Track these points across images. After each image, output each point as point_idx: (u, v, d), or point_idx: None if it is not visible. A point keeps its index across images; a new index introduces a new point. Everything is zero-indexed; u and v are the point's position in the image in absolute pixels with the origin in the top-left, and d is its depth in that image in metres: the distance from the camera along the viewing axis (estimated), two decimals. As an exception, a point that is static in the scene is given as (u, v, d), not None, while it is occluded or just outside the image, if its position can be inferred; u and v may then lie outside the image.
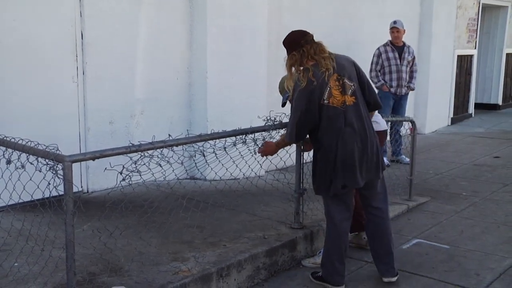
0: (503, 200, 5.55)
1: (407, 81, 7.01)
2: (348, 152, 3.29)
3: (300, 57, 3.34)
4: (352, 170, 3.31)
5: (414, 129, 5.23)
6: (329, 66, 3.28)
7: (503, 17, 11.90)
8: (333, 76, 3.28)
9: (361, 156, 3.33)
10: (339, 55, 3.45)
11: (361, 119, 3.35)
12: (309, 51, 3.32)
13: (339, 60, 3.36)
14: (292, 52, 3.37)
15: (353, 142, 3.30)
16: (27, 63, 4.54)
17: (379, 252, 3.61)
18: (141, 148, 3.02)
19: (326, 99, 3.28)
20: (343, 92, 3.30)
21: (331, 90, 3.28)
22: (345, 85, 3.31)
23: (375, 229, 3.59)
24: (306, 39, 3.36)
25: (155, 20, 5.35)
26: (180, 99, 5.68)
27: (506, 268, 3.88)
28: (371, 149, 3.37)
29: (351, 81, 3.34)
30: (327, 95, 3.27)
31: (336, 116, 3.29)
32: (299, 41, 3.36)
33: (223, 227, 4.12)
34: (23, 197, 3.18)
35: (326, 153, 3.33)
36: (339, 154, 3.29)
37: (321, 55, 3.32)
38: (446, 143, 8.64)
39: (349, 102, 3.32)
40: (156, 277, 3.20)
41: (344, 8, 7.47)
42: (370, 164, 3.38)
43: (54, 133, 4.49)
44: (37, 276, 3.14)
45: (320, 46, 3.37)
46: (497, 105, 12.37)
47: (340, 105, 3.30)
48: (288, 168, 4.80)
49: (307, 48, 3.33)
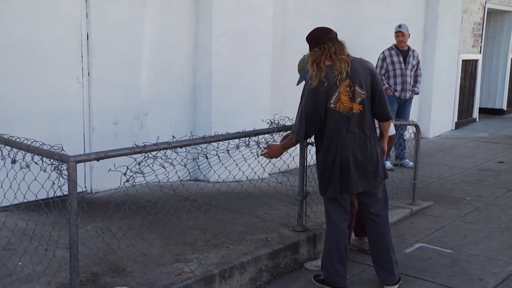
0: (507, 205, 5.53)
1: (411, 85, 7.00)
2: (344, 159, 3.29)
3: (321, 54, 3.26)
4: (347, 177, 3.32)
5: (418, 133, 5.22)
6: (342, 69, 3.21)
7: (508, 22, 11.87)
8: (345, 81, 3.23)
9: (358, 165, 3.32)
10: (358, 59, 3.37)
11: (364, 129, 3.33)
12: (330, 49, 3.25)
13: (354, 65, 3.27)
14: (314, 48, 3.30)
15: (352, 149, 3.30)
16: (32, 64, 4.56)
17: (378, 259, 3.58)
18: (145, 149, 3.03)
19: (333, 103, 3.24)
20: (352, 99, 3.26)
21: (340, 95, 3.23)
22: (355, 92, 3.26)
23: (375, 235, 3.57)
24: (329, 36, 3.29)
25: (160, 22, 5.37)
26: (185, 101, 5.69)
27: (510, 273, 3.86)
28: (370, 159, 3.35)
29: (362, 89, 3.27)
30: (335, 100, 3.24)
31: (340, 122, 3.28)
32: (321, 37, 3.29)
33: (226, 229, 4.12)
34: (27, 196, 3.19)
35: (326, 157, 3.35)
36: (337, 160, 3.30)
37: (338, 56, 3.24)
38: (450, 147, 8.62)
39: (356, 110, 3.28)
40: (159, 278, 3.21)
41: (349, 11, 7.48)
42: (368, 174, 3.36)
43: (58, 134, 4.51)
44: (41, 275, 3.15)
45: (341, 46, 3.29)
46: (502, 110, 12.33)
47: (347, 111, 3.27)
48: (292, 171, 4.80)
49: (328, 46, 3.25)
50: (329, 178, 3.36)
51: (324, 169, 3.38)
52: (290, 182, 4.51)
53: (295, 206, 4.23)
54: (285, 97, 6.31)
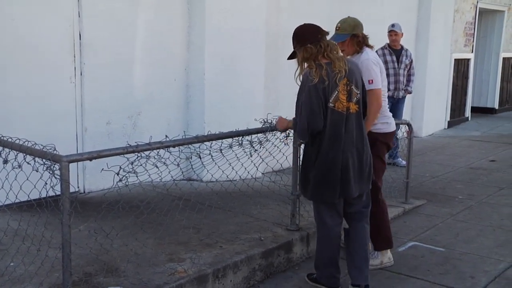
0: (498, 204, 5.57)
1: (404, 84, 7.03)
2: (345, 161, 3.19)
3: (316, 52, 3.14)
4: (347, 180, 3.21)
5: (411, 132, 5.24)
6: (341, 68, 3.13)
7: (499, 21, 11.95)
8: (343, 80, 3.14)
9: (357, 167, 3.24)
10: (349, 59, 3.34)
11: (360, 129, 3.27)
12: (326, 48, 3.14)
13: (349, 65, 3.22)
14: (306, 45, 3.15)
15: (351, 151, 3.21)
16: (24, 63, 4.54)
17: (354, 256, 3.43)
18: (138, 149, 3.02)
19: (332, 102, 3.13)
20: (349, 99, 3.18)
21: (338, 94, 3.14)
22: (351, 92, 3.19)
23: (354, 232, 3.43)
24: (322, 33, 3.20)
25: (153, 21, 5.36)
26: (178, 100, 5.68)
27: (501, 271, 3.89)
28: (365, 161, 3.30)
29: (358, 89, 3.23)
30: (334, 99, 3.13)
31: (339, 122, 3.17)
32: (316, 34, 3.17)
33: (220, 229, 4.12)
34: (19, 197, 3.17)
35: (325, 159, 3.20)
36: (338, 162, 3.18)
37: (335, 55, 3.17)
38: (443, 146, 8.66)
39: (352, 110, 3.20)
40: (152, 278, 3.20)
41: (342, 10, 7.44)
42: (363, 176, 3.30)
43: (51, 133, 4.49)
44: (33, 276, 3.14)
45: (334, 45, 3.23)
46: (494, 109, 12.41)
47: (345, 111, 3.18)
48: (285, 170, 4.81)
49: (324, 44, 3.15)
50: (327, 182, 3.21)
51: (321, 172, 3.21)
52: (284, 181, 4.51)
53: (288, 205, 4.24)
54: (279, 96, 6.32)
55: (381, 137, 3.77)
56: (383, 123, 3.79)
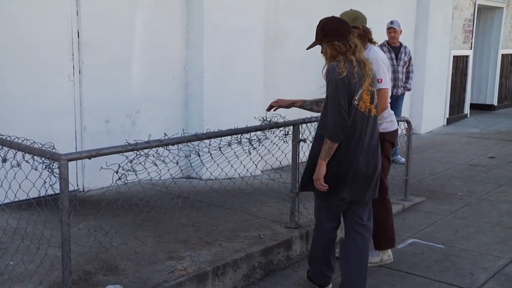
0: (497, 200, 5.57)
1: (403, 82, 7.03)
2: (361, 164, 3.06)
3: (345, 51, 3.00)
4: (358, 184, 3.10)
5: (410, 129, 5.25)
6: (370, 72, 3.03)
7: (498, 18, 11.95)
8: (367, 81, 3.03)
9: (369, 172, 3.12)
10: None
11: (374, 133, 3.14)
12: (355, 48, 3.02)
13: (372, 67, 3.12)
14: (334, 42, 3.01)
15: (367, 154, 3.08)
16: (23, 62, 4.53)
17: (351, 277, 3.22)
18: (137, 147, 3.02)
19: (357, 100, 2.98)
20: (371, 101, 3.06)
21: (363, 93, 3.00)
22: (373, 94, 3.07)
23: (354, 247, 3.24)
24: (351, 32, 3.08)
25: (151, 20, 5.35)
26: (177, 99, 5.68)
27: (500, 268, 3.90)
28: (378, 168, 3.18)
29: (376, 92, 3.14)
30: (358, 97, 2.98)
31: (361, 122, 3.02)
32: (346, 33, 3.03)
33: (219, 227, 4.13)
34: (18, 195, 3.17)
35: (341, 159, 3.04)
36: (353, 164, 3.04)
37: (362, 56, 3.06)
38: (442, 143, 8.67)
39: (373, 112, 3.09)
40: (151, 276, 3.20)
41: (341, 8, 7.40)
42: (373, 182, 3.17)
43: (50, 132, 4.49)
44: (33, 274, 3.14)
45: (361, 46, 3.13)
46: (493, 105, 12.42)
47: (367, 112, 3.04)
48: (284, 168, 4.80)
49: (353, 44, 3.02)
50: (338, 183, 3.07)
51: (332, 172, 3.04)
52: (283, 179, 4.51)
53: (287, 203, 4.24)
54: (277, 94, 6.29)
55: (388, 136, 3.71)
56: (388, 121, 3.74)
